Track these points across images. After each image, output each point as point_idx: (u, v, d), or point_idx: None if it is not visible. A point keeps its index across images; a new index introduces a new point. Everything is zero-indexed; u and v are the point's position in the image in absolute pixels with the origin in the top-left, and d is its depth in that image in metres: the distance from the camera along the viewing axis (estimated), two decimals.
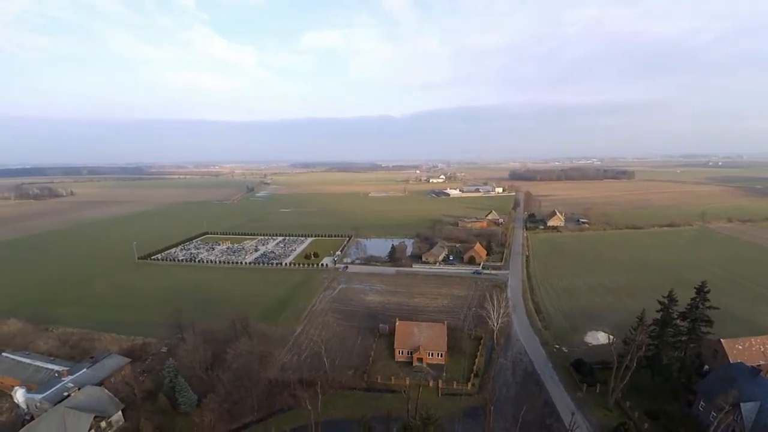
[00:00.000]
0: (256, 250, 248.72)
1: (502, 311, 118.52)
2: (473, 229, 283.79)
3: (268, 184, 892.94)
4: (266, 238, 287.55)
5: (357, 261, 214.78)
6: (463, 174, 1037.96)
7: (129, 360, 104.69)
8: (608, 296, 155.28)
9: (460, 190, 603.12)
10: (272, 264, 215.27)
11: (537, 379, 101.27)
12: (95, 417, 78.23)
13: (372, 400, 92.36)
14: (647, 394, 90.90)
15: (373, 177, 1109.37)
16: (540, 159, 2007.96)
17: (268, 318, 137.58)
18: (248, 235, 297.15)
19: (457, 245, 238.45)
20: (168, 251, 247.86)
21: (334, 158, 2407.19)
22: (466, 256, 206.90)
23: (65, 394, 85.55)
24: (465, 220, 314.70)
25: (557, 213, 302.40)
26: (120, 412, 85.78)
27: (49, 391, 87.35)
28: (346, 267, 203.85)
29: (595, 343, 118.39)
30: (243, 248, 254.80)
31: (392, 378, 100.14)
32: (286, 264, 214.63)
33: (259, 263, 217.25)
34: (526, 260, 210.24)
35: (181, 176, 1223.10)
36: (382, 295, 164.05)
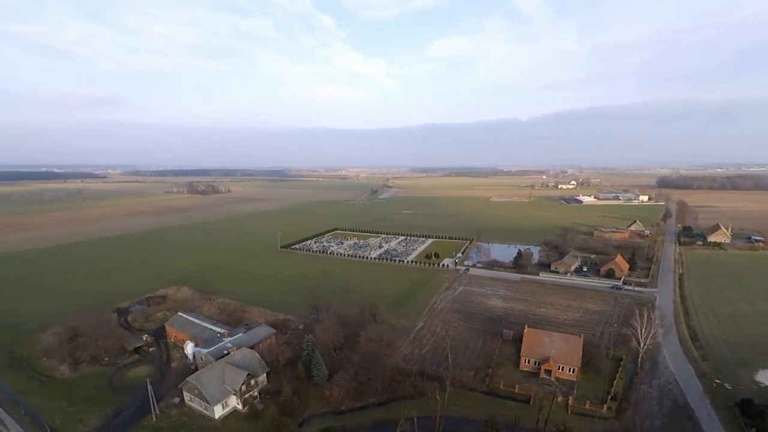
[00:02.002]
0: (380, 247, 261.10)
1: (651, 332, 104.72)
2: (612, 240, 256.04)
3: (390, 187, 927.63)
4: (389, 236, 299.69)
5: (479, 264, 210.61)
6: (597, 180, 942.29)
7: (274, 331, 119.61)
8: None
9: (594, 197, 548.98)
10: (395, 261, 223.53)
11: (690, 414, 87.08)
12: (248, 374, 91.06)
13: (493, 405, 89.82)
14: None
15: (494, 182, 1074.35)
16: (695, 165, 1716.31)
17: (391, 310, 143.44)
18: (373, 232, 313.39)
19: (592, 256, 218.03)
20: (304, 243, 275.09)
21: (455, 163, 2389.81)
22: (603, 269, 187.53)
23: (225, 351, 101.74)
24: (602, 229, 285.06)
25: (721, 227, 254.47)
26: (265, 374, 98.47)
27: (213, 348, 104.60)
28: (467, 269, 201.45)
29: None
30: (368, 244, 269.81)
31: (516, 386, 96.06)
32: (407, 262, 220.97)
33: (382, 259, 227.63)
34: (680, 279, 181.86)
35: (314, 179, 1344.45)
36: (505, 300, 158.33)
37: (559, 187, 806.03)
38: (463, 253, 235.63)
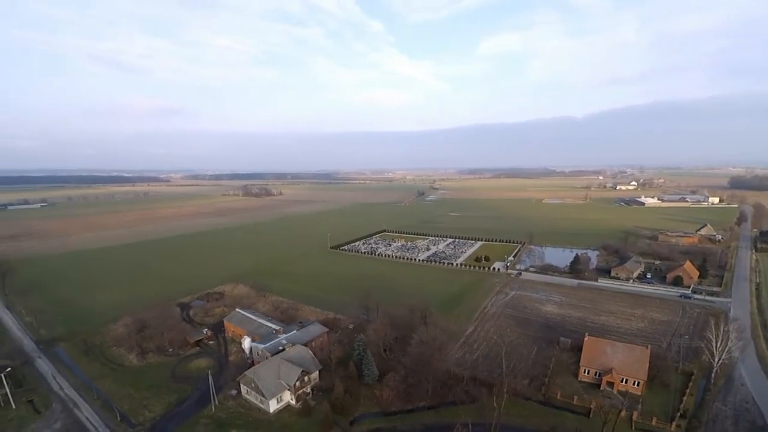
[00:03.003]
0: (428, 249, 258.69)
1: (727, 345, 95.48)
2: (679, 245, 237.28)
3: (436, 189, 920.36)
4: (437, 238, 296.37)
5: (531, 269, 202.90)
6: (661, 180, 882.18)
7: (327, 330, 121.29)
8: None
9: (657, 199, 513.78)
10: (443, 263, 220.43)
11: None
12: (302, 371, 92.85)
13: (550, 416, 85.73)
14: None
15: (546, 183, 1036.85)
16: None
17: (440, 313, 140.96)
18: (420, 235, 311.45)
19: (657, 262, 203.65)
20: (353, 244, 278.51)
21: (503, 164, 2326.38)
22: (670, 276, 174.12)
23: (280, 348, 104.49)
24: (668, 233, 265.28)
25: None
26: (317, 372, 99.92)
27: (269, 344, 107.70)
28: (520, 273, 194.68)
29: None
30: (416, 246, 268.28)
31: (575, 397, 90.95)
32: (456, 264, 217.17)
33: (431, 261, 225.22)
34: (756, 289, 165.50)
35: (361, 181, 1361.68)
36: (561, 307, 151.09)
37: (618, 188, 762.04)
38: (514, 256, 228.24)
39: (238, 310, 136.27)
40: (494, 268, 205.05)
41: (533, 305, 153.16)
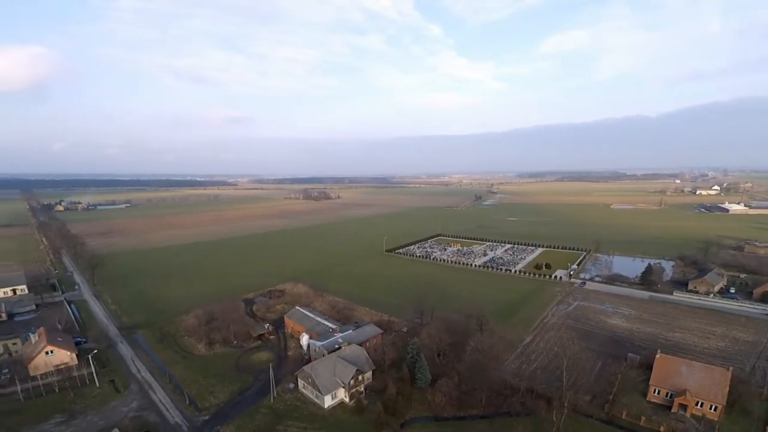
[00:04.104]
0: (485, 255, 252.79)
1: None
2: None
3: (494, 193, 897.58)
4: (494, 244, 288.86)
5: (597, 278, 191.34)
6: (748, 184, 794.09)
7: (381, 331, 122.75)
8: None
9: (744, 205, 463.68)
10: (500, 269, 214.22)
11: None
12: (356, 370, 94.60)
13: None
14: None
15: (615, 187, 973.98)
16: None
17: (497, 321, 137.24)
18: (477, 239, 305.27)
19: (742, 275, 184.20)
20: (407, 247, 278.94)
21: (568, 167, 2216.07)
22: (757, 291, 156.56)
23: (336, 346, 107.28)
24: (756, 244, 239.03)
25: None
26: (371, 372, 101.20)
27: (326, 341, 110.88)
28: (584, 283, 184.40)
29: None
30: (472, 251, 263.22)
31: (642, 418, 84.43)
32: (515, 271, 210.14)
33: (487, 267, 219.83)
34: None
35: (417, 185, 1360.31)
36: (629, 320, 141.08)
37: (698, 192, 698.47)
38: (578, 264, 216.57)
39: (297, 307, 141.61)
40: (556, 277, 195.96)
41: (598, 317, 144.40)
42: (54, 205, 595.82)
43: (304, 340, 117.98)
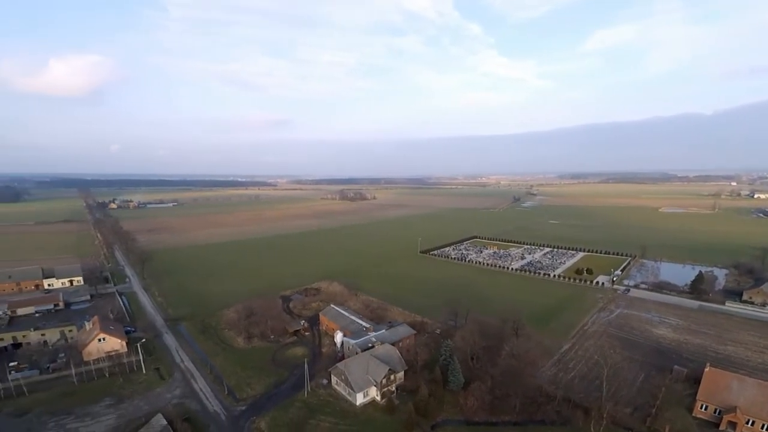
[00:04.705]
0: (522, 258, 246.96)
1: None
2: None
3: (534, 194, 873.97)
4: (533, 247, 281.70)
5: (642, 285, 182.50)
6: None
7: (414, 332, 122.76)
8: None
9: None
10: (539, 273, 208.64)
11: None
12: (389, 369, 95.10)
13: None
14: None
15: (665, 189, 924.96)
16: None
17: (533, 326, 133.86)
18: (514, 242, 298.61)
19: None
20: (442, 249, 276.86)
21: (613, 168, 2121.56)
22: None
23: (370, 345, 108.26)
24: None
25: None
26: (403, 372, 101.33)
27: (360, 340, 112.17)
28: (628, 290, 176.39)
29: None
30: (509, 254, 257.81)
31: None
32: (553, 276, 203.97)
33: (525, 271, 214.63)
34: None
35: (453, 186, 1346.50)
36: (676, 331, 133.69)
37: (757, 196, 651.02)
38: (622, 270, 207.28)
39: (332, 305, 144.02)
40: (597, 283, 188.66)
41: (643, 326, 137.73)
42: (108, 203, 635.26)
43: (338, 337, 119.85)
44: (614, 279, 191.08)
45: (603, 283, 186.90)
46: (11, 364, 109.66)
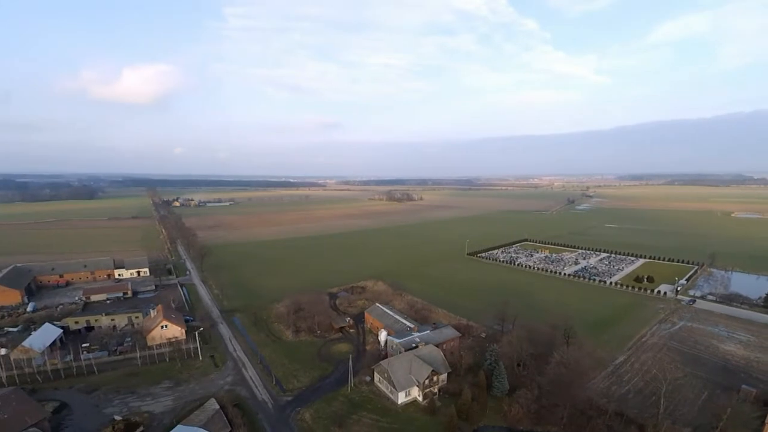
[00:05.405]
0: (576, 263, 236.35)
1: None
2: None
3: (590, 197, 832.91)
4: (588, 252, 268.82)
5: (710, 296, 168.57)
6: None
7: (459, 335, 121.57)
8: None
9: None
10: (593, 280, 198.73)
11: None
12: (432, 370, 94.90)
13: None
14: None
15: (739, 192, 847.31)
16: None
17: (586, 336, 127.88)
18: (568, 246, 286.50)
19: None
20: (490, 252, 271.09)
21: (679, 169, 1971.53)
22: None
23: (414, 345, 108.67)
24: None
25: None
26: (446, 374, 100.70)
27: (404, 339, 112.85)
28: (693, 301, 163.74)
29: None
30: (562, 259, 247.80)
31: None
32: (610, 283, 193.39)
33: (578, 277, 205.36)
34: None
35: (503, 188, 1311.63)
36: (747, 348, 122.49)
37: None
38: (687, 279, 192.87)
39: (377, 304, 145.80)
40: (659, 292, 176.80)
41: (708, 341, 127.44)
42: (172, 202, 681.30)
43: (383, 336, 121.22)
44: (678, 288, 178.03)
45: (665, 293, 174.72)
46: (84, 345, 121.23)
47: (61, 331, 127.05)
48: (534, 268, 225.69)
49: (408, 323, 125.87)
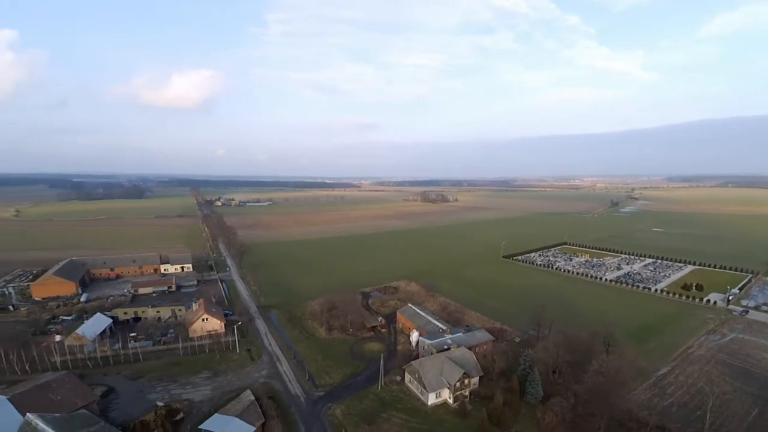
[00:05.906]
0: (619, 269, 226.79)
1: None
2: None
3: (635, 199, 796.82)
4: (631, 257, 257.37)
5: (764, 307, 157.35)
6: None
7: (492, 338, 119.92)
8: None
9: None
10: (637, 287, 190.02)
11: None
12: (463, 373, 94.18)
13: None
14: None
15: None
16: None
17: (628, 344, 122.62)
18: (609, 251, 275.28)
19: None
20: (527, 255, 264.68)
21: (734, 170, 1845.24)
22: None
23: (445, 346, 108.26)
24: None
25: None
26: (478, 378, 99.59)
27: (436, 340, 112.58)
28: (746, 312, 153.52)
29: None
30: (603, 264, 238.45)
31: None
32: (655, 290, 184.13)
33: (621, 283, 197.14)
34: None
35: (542, 189, 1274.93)
36: None
37: None
38: (740, 289, 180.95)
39: (409, 305, 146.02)
40: (708, 301, 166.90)
41: (761, 354, 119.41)
42: (214, 201, 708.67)
43: (414, 336, 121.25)
44: (730, 298, 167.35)
45: (715, 302, 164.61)
46: (131, 334, 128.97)
47: (111, 320, 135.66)
48: (573, 272, 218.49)
49: (440, 325, 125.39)
